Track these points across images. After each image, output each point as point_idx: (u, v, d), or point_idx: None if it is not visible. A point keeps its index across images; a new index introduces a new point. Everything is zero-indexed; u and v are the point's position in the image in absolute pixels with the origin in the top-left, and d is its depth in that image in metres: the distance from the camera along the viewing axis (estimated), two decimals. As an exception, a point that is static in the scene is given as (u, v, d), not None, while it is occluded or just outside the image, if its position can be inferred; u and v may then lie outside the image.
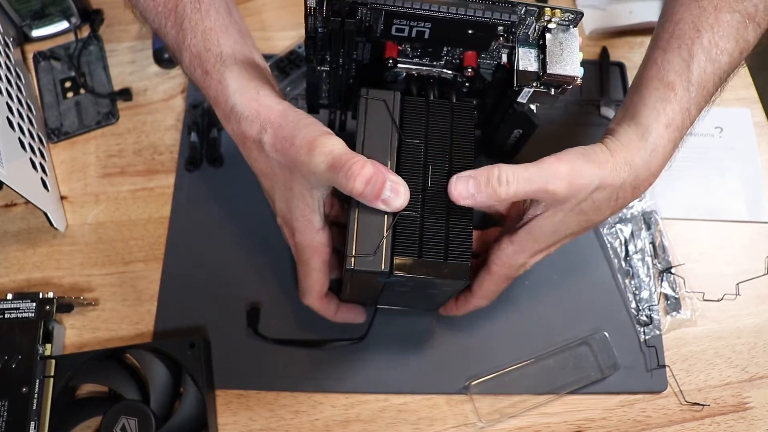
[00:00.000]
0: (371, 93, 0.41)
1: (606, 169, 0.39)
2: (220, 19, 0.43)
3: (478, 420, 0.50)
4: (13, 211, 0.58)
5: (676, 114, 0.41)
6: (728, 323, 0.54)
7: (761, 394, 0.51)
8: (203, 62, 0.42)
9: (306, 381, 0.51)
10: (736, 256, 0.56)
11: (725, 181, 0.59)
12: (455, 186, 0.38)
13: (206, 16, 0.43)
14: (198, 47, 0.43)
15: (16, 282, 0.55)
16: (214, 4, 0.43)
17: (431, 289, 0.42)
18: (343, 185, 0.37)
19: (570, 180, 0.38)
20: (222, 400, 0.51)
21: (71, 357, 0.49)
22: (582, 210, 0.41)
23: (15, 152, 0.50)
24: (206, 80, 0.43)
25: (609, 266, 0.55)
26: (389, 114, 0.41)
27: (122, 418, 0.46)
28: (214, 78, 0.42)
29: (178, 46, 0.44)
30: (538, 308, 0.54)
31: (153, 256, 0.56)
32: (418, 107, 0.42)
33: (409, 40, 0.41)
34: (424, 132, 0.41)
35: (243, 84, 0.41)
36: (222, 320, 0.53)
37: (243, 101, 0.41)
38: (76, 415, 0.49)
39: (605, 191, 0.40)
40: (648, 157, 0.41)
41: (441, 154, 0.40)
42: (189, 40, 0.43)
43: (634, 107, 0.42)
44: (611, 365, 0.52)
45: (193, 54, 0.43)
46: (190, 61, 0.43)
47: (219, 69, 0.42)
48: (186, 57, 0.43)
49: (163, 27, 0.44)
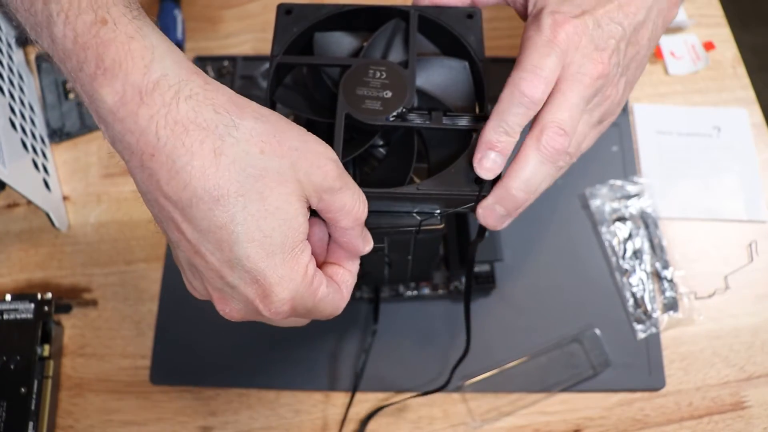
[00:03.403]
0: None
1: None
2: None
3: (471, 420, 0.50)
4: (16, 212, 0.58)
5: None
6: (726, 322, 0.54)
7: (759, 393, 0.52)
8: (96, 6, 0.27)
9: (306, 380, 0.52)
10: (734, 256, 0.56)
11: (723, 180, 0.59)
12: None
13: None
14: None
15: (18, 282, 0.55)
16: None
17: (405, 240, 0.42)
18: (338, 206, 0.31)
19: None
20: (222, 399, 0.51)
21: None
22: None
23: (17, 153, 0.50)
24: (100, 33, 0.27)
25: (607, 265, 0.56)
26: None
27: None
28: (121, 30, 0.27)
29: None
30: (536, 306, 0.54)
31: (155, 256, 0.56)
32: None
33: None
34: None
35: (173, 48, 0.28)
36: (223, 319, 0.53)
37: (180, 71, 0.27)
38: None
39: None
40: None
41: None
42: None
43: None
44: (603, 362, 0.52)
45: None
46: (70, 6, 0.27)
47: (127, 17, 0.27)
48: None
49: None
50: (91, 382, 0.52)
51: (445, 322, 0.54)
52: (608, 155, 0.60)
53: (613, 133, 0.61)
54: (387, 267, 0.48)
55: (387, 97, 0.36)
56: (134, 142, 0.27)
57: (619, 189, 0.58)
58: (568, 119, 0.35)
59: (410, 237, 0.41)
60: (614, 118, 0.41)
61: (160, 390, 0.52)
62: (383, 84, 0.36)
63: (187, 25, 0.66)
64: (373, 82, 0.36)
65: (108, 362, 0.53)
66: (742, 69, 0.64)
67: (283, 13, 0.40)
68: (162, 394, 0.52)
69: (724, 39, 0.66)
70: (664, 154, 0.61)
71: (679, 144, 0.61)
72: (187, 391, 0.52)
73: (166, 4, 0.65)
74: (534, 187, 0.35)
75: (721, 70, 0.64)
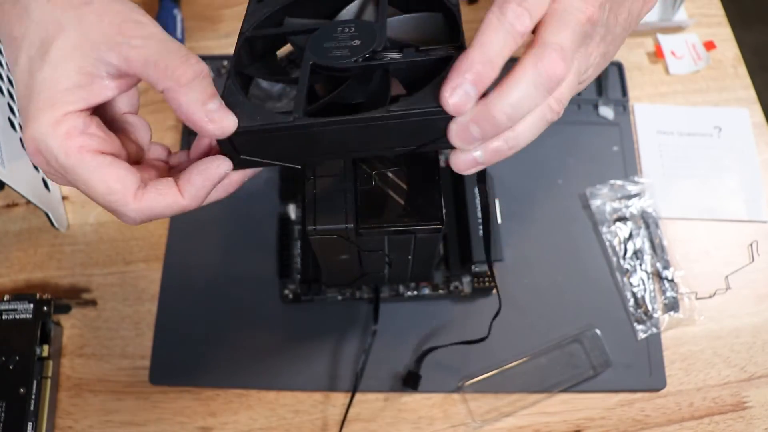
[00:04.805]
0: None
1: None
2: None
3: (472, 420, 0.50)
4: (15, 211, 0.58)
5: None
6: (727, 323, 0.54)
7: (760, 393, 0.52)
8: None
9: (306, 380, 0.52)
10: (734, 256, 0.56)
11: (724, 180, 0.59)
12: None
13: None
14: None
15: (17, 282, 0.55)
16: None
17: (405, 240, 0.41)
18: (163, 63, 0.30)
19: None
20: (222, 399, 0.51)
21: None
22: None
23: (16, 152, 0.50)
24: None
25: (607, 265, 0.55)
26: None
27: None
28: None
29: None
30: (536, 306, 0.54)
31: (154, 256, 0.56)
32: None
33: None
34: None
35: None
36: (223, 319, 0.54)
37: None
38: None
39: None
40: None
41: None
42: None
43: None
44: (603, 362, 0.52)
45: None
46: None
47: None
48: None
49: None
50: (91, 383, 0.52)
51: (445, 322, 0.53)
52: (609, 155, 0.60)
53: (614, 133, 0.61)
54: (387, 267, 0.48)
55: (356, 45, 0.33)
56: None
57: (619, 189, 0.58)
58: (568, 45, 0.31)
59: (410, 237, 0.41)
60: (582, 87, 0.37)
61: (160, 390, 0.52)
62: (352, 36, 0.33)
63: (186, 24, 0.66)
64: (341, 37, 0.33)
65: (107, 362, 0.52)
66: (743, 68, 0.64)
67: (255, 0, 0.38)
68: (161, 395, 0.52)
69: (725, 38, 0.66)
70: (665, 154, 0.60)
71: (679, 144, 0.61)
72: (186, 392, 0.52)
73: (166, 3, 0.64)
74: (519, 114, 0.31)
75: (722, 69, 0.64)
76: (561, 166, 0.59)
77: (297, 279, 0.54)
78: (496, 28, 0.30)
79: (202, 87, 0.30)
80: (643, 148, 0.61)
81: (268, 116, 0.31)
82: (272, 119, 0.30)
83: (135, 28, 0.30)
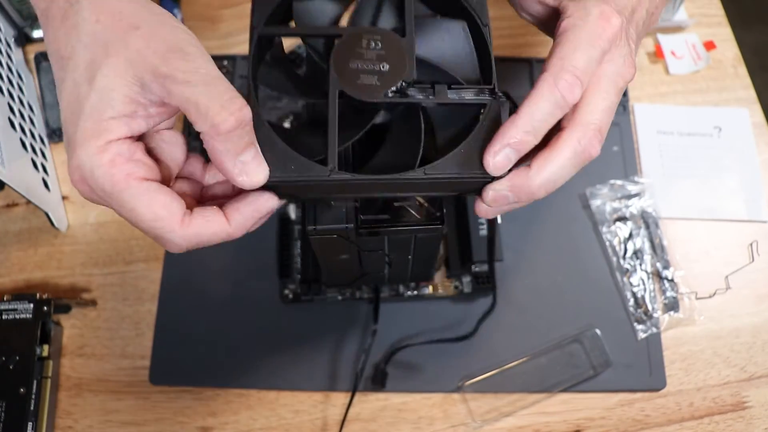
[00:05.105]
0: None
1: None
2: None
3: (472, 420, 0.50)
4: (15, 211, 0.58)
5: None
6: (727, 323, 0.54)
7: (760, 393, 0.52)
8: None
9: (306, 380, 0.52)
10: (734, 256, 0.56)
11: (724, 180, 0.59)
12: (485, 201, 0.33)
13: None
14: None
15: (17, 282, 0.55)
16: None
17: (405, 240, 0.40)
18: (182, 99, 0.29)
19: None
20: (222, 399, 0.51)
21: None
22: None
23: (16, 152, 0.50)
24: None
25: (607, 265, 0.55)
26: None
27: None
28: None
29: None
30: (537, 306, 0.54)
31: (154, 256, 0.56)
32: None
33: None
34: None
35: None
36: (223, 319, 0.54)
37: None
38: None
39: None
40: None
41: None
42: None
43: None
44: (603, 362, 0.52)
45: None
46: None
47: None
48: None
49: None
50: (90, 383, 0.52)
51: (445, 322, 0.53)
52: (609, 155, 0.60)
53: (614, 133, 0.61)
54: (387, 267, 0.48)
55: (384, 70, 0.32)
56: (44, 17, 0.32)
57: (619, 189, 0.58)
58: (605, 122, 0.34)
59: (410, 237, 0.41)
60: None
61: (160, 390, 0.52)
62: (379, 55, 0.32)
63: (186, 23, 0.65)
64: (367, 54, 0.32)
65: (107, 362, 0.52)
66: (743, 68, 0.64)
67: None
68: (161, 395, 0.52)
69: (725, 38, 0.66)
70: (665, 154, 0.60)
71: (679, 144, 0.61)
72: (186, 392, 0.52)
73: (166, 3, 0.64)
74: (554, 187, 0.34)
75: (721, 69, 0.64)
76: (561, 166, 0.59)
77: (297, 279, 0.54)
78: (546, 98, 0.32)
79: (240, 137, 0.30)
80: (643, 148, 0.61)
81: (303, 167, 0.30)
82: (307, 172, 0.30)
83: (180, 59, 0.30)
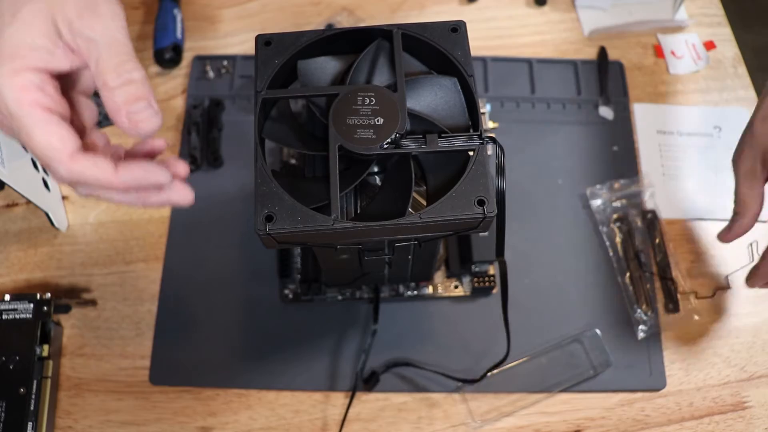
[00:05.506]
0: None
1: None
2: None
3: (472, 420, 0.50)
4: (15, 211, 0.58)
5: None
6: (727, 322, 0.54)
7: (760, 393, 0.52)
8: None
9: (306, 380, 0.52)
10: (734, 256, 0.56)
11: (724, 180, 0.59)
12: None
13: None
14: None
15: (17, 282, 0.55)
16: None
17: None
18: (102, 64, 0.33)
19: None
20: (222, 399, 0.51)
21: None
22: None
23: (16, 152, 0.50)
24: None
25: (607, 265, 0.55)
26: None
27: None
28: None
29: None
30: (537, 306, 0.54)
31: (154, 256, 0.56)
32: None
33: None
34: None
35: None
36: (222, 320, 0.54)
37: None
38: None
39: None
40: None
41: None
42: None
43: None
44: (603, 362, 0.52)
45: None
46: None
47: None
48: None
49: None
50: (90, 383, 0.52)
51: (445, 322, 0.53)
52: (609, 155, 0.60)
53: (614, 133, 0.61)
54: (387, 267, 0.48)
55: (379, 124, 0.35)
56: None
57: (619, 189, 0.58)
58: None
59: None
60: None
61: (160, 390, 0.52)
62: (374, 110, 0.36)
63: (186, 24, 0.66)
64: (363, 110, 0.36)
65: (107, 362, 0.52)
66: (743, 68, 0.64)
67: (263, 44, 0.38)
68: (161, 395, 0.52)
69: (725, 38, 0.66)
70: (665, 154, 0.60)
71: (679, 144, 0.61)
72: (186, 392, 0.52)
73: (166, 3, 0.64)
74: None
75: (721, 69, 0.64)
76: (561, 166, 0.59)
77: (297, 279, 0.54)
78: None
79: (127, 92, 0.33)
80: (643, 148, 0.61)
81: (308, 218, 0.33)
82: (312, 222, 0.33)
83: (92, 18, 0.33)
